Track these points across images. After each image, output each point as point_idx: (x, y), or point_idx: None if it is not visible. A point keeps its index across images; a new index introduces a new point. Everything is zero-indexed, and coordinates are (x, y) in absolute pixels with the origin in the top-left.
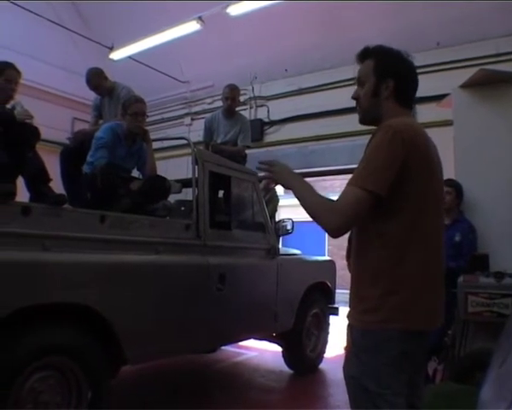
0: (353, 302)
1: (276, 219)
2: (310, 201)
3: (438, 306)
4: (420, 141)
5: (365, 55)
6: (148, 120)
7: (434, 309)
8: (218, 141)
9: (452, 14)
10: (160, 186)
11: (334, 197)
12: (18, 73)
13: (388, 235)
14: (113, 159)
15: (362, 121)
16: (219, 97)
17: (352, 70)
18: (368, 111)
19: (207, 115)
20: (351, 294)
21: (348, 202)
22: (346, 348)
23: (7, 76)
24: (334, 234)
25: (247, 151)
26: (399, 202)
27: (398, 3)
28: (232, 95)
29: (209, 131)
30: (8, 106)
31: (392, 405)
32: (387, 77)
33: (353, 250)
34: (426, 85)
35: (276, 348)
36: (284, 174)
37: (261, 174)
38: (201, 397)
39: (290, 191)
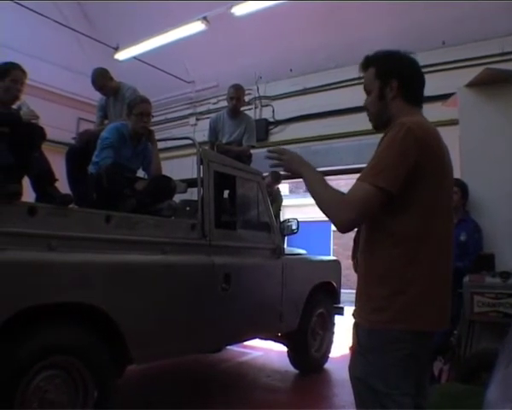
0: (360, 301)
1: (282, 219)
2: (320, 192)
3: (444, 307)
4: (433, 140)
5: (367, 64)
6: (153, 120)
7: (441, 310)
8: (223, 141)
9: (457, 14)
10: (165, 186)
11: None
12: (24, 73)
13: (400, 234)
14: (119, 159)
15: (375, 127)
16: (224, 97)
17: (357, 70)
18: (378, 115)
19: (212, 115)
20: (357, 292)
21: (358, 197)
22: (352, 348)
23: (13, 77)
24: (343, 229)
25: (252, 151)
26: (411, 201)
27: (402, 3)
28: (237, 95)
29: (214, 131)
30: (15, 106)
31: (400, 405)
32: (390, 78)
33: (361, 249)
34: (431, 85)
35: (281, 348)
36: (295, 162)
37: (271, 162)
38: (206, 397)
39: (294, 191)
